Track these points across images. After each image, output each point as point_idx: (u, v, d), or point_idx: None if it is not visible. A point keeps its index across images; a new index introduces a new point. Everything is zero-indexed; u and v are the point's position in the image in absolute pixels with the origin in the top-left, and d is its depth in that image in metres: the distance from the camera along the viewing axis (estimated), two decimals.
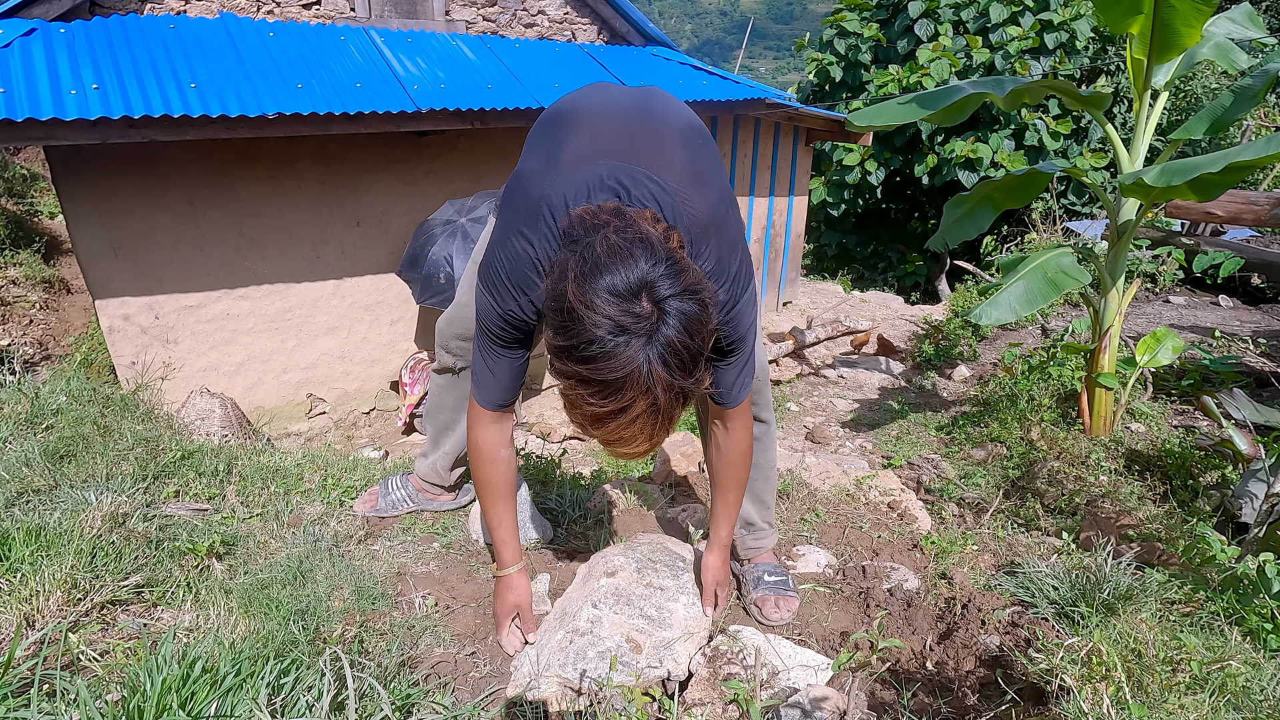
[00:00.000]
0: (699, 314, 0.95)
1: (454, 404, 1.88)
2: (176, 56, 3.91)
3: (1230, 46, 2.86)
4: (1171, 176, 2.27)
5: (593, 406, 0.95)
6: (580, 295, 0.92)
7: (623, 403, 0.93)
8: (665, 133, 1.24)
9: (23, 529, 1.47)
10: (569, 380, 0.96)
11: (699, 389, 0.98)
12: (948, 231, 3.21)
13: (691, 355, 0.94)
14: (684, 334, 0.93)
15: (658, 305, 0.93)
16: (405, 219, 4.97)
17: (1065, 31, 8.48)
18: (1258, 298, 5.22)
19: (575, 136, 1.23)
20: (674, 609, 1.54)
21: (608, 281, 0.92)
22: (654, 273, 0.93)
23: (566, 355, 0.94)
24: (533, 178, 1.21)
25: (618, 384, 0.92)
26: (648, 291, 0.93)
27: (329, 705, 1.11)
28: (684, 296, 0.94)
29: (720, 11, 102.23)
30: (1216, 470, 2.58)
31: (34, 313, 5.86)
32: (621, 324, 0.91)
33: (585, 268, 0.93)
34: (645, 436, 0.97)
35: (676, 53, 6.32)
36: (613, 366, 0.91)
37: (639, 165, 1.15)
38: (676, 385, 0.94)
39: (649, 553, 1.69)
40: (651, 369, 0.92)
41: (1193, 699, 1.17)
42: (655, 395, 0.93)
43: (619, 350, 0.91)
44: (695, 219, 1.15)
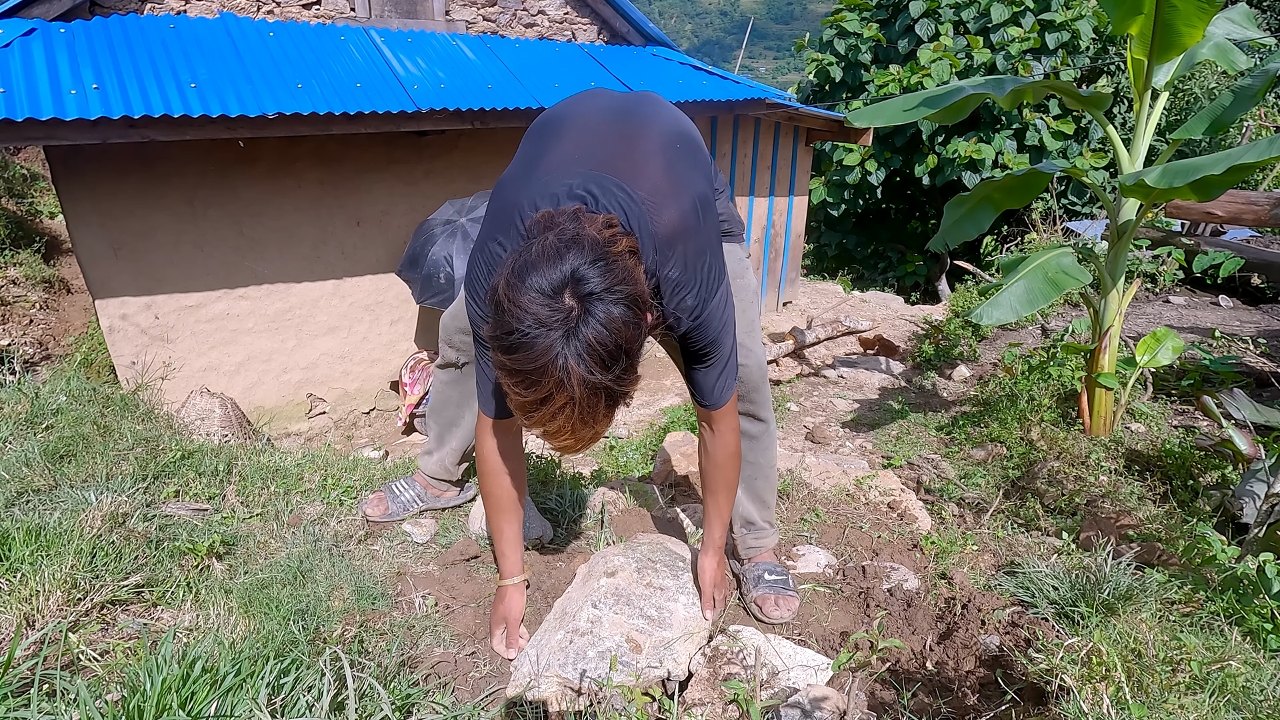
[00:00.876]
0: (624, 315, 0.97)
1: (459, 400, 1.89)
2: (176, 56, 3.91)
3: (1229, 46, 2.86)
4: (1173, 177, 2.26)
5: (518, 396, 0.98)
6: (508, 290, 0.96)
7: (542, 394, 0.96)
8: (643, 141, 1.26)
9: (23, 529, 1.46)
10: (500, 371, 0.99)
11: (625, 389, 1.00)
12: (948, 232, 3.21)
13: (609, 353, 0.96)
14: (604, 331, 0.95)
15: (581, 302, 0.95)
16: (405, 219, 4.97)
17: (1067, 31, 8.48)
18: (1258, 298, 5.22)
19: (557, 145, 1.26)
20: (674, 609, 1.54)
21: (533, 280, 0.96)
22: (581, 270, 0.96)
23: (495, 345, 0.98)
24: (510, 184, 1.25)
25: (535, 374, 0.95)
26: (572, 288, 0.96)
27: (329, 705, 1.11)
28: (610, 295, 0.96)
29: (720, 11, 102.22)
30: (1216, 470, 2.58)
31: (34, 312, 5.86)
32: (540, 317, 0.94)
33: (518, 265, 0.98)
34: (569, 432, 1.00)
35: (676, 53, 6.32)
36: (530, 358, 0.95)
37: (612, 174, 1.17)
38: (593, 381, 0.95)
39: (649, 553, 1.69)
40: (568, 363, 0.94)
41: (1193, 699, 1.17)
42: (571, 390, 0.95)
43: (536, 343, 0.94)
44: (664, 228, 1.18)
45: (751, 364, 1.59)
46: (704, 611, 1.59)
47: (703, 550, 1.63)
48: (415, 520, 1.99)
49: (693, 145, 1.35)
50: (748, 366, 1.59)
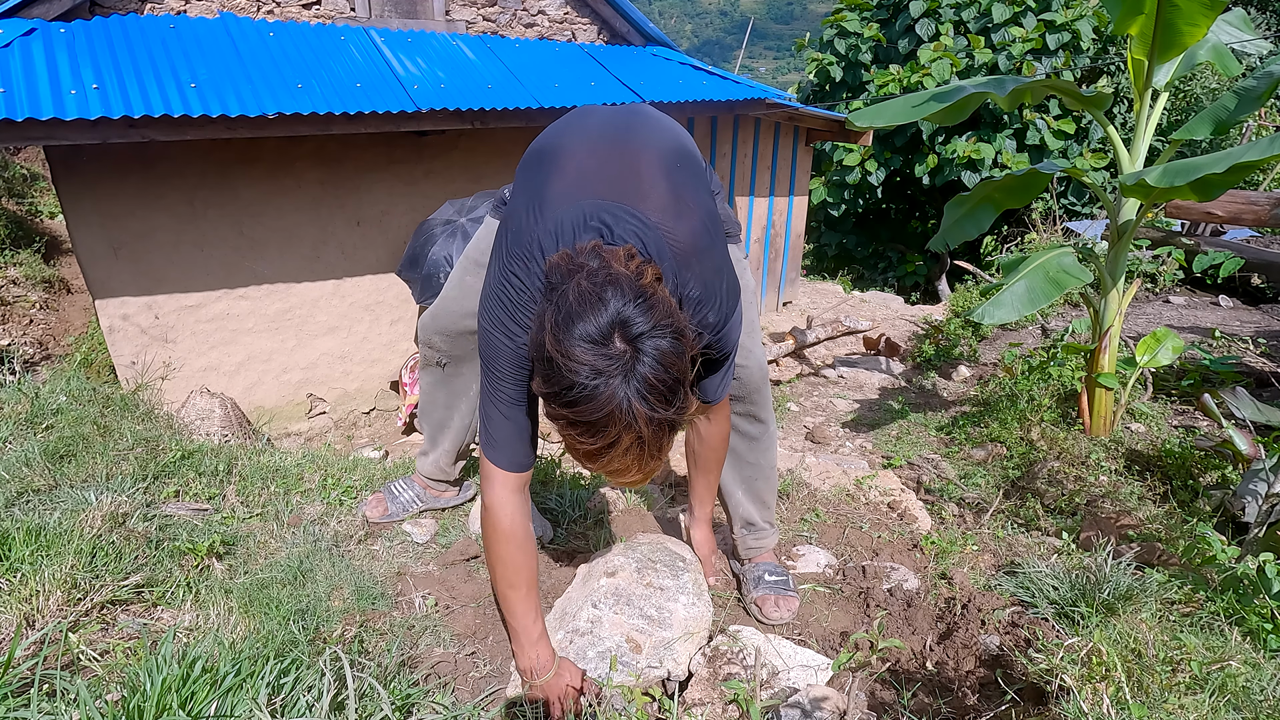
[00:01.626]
0: (673, 347, 0.98)
1: (446, 400, 1.90)
2: (176, 56, 3.91)
3: (1225, 50, 2.86)
4: (1174, 177, 2.26)
5: (583, 445, 1.00)
6: (557, 345, 0.96)
7: (609, 439, 0.98)
8: (645, 163, 1.25)
9: (23, 529, 1.46)
10: (559, 422, 1.01)
11: (683, 416, 1.02)
12: (948, 232, 3.21)
13: (669, 388, 0.98)
14: (659, 369, 0.97)
15: (631, 344, 0.96)
16: (405, 219, 4.97)
17: (1068, 32, 8.47)
18: (1258, 298, 5.22)
19: (559, 174, 1.24)
20: (674, 609, 1.54)
21: (581, 329, 0.96)
22: (625, 312, 0.97)
23: (553, 400, 0.99)
24: (521, 221, 1.23)
25: (602, 423, 0.97)
26: (620, 331, 0.96)
27: (329, 705, 1.11)
28: (657, 332, 0.97)
29: (720, 11, 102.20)
30: (1216, 470, 2.58)
31: (34, 312, 5.86)
32: (597, 367, 0.95)
33: (560, 317, 0.98)
34: (636, 466, 1.01)
35: (676, 53, 6.32)
36: (595, 408, 0.96)
37: (620, 200, 1.17)
38: (658, 418, 0.98)
39: (649, 553, 1.69)
40: (632, 406, 0.96)
41: (1193, 699, 1.17)
42: (639, 430, 0.97)
43: (599, 392, 0.95)
44: (678, 249, 1.18)
45: (752, 365, 1.59)
46: (707, 579, 1.68)
47: (694, 524, 1.74)
48: (415, 520, 1.99)
49: (691, 159, 1.35)
50: (748, 368, 1.59)
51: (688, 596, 1.59)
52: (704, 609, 1.58)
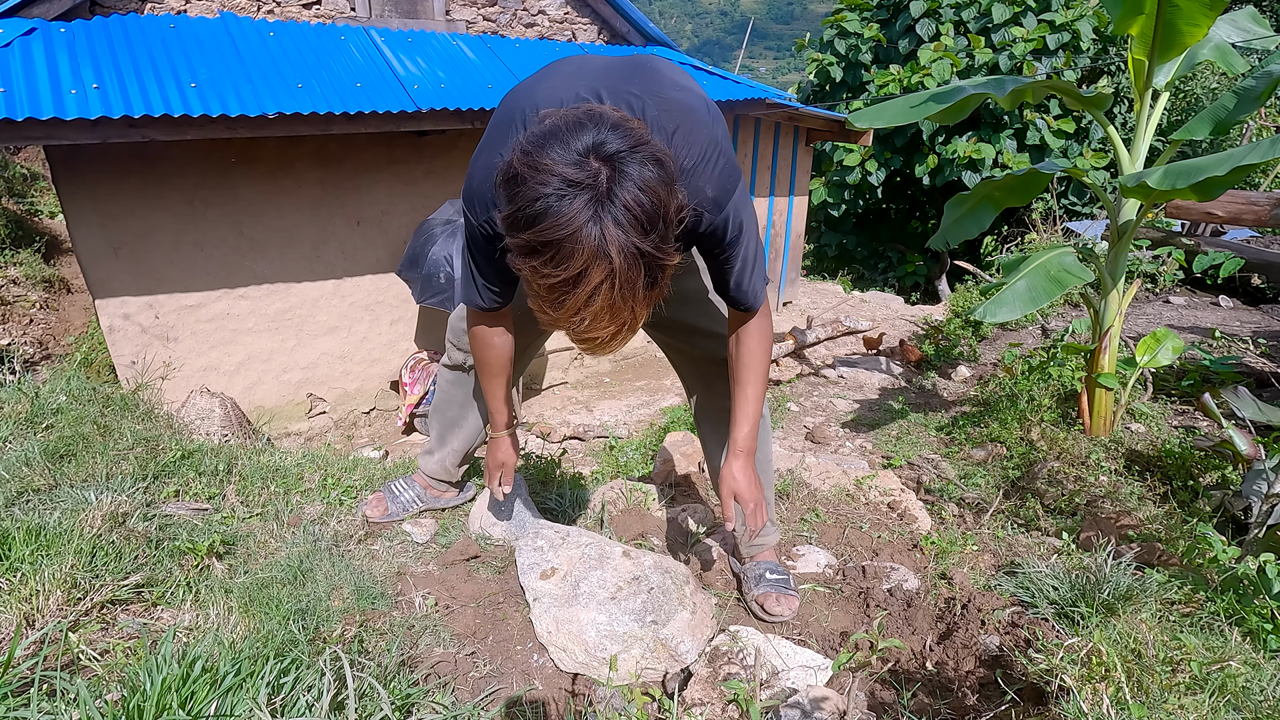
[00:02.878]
0: (658, 173, 0.88)
1: (462, 400, 1.88)
2: (177, 56, 3.91)
3: (1228, 49, 2.86)
4: (1175, 178, 2.26)
5: (545, 278, 0.87)
6: (526, 159, 0.87)
7: (575, 268, 0.85)
8: (648, 65, 1.26)
9: (23, 528, 1.46)
10: (520, 256, 0.89)
11: (665, 260, 0.90)
12: (948, 231, 3.21)
13: (648, 215, 0.86)
14: (638, 190, 0.86)
15: (608, 162, 0.86)
16: (405, 219, 4.97)
17: (1068, 32, 8.48)
18: (1258, 298, 5.22)
19: (561, 68, 1.26)
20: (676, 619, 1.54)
21: (558, 148, 0.86)
22: (603, 135, 0.87)
23: (513, 224, 0.88)
24: (511, 96, 1.24)
25: (568, 246, 0.84)
26: (595, 152, 0.86)
27: (329, 705, 1.11)
28: (637, 153, 0.87)
29: (720, 11, 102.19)
30: (1216, 470, 2.58)
31: (34, 312, 5.86)
32: (569, 178, 0.84)
33: (533, 140, 0.89)
34: (608, 315, 0.89)
35: (677, 53, 6.32)
36: (560, 224, 0.84)
37: (624, 82, 1.16)
38: (633, 246, 0.85)
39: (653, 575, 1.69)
40: (603, 227, 0.84)
41: (1193, 699, 1.17)
42: (610, 260, 0.85)
43: (565, 206, 0.84)
44: (673, 117, 1.13)
45: None
46: (725, 522, 1.46)
47: (729, 452, 1.47)
48: (415, 520, 1.99)
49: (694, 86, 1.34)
50: None
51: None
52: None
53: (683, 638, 1.50)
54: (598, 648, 1.47)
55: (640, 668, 1.46)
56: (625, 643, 1.47)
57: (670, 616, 1.53)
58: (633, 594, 1.55)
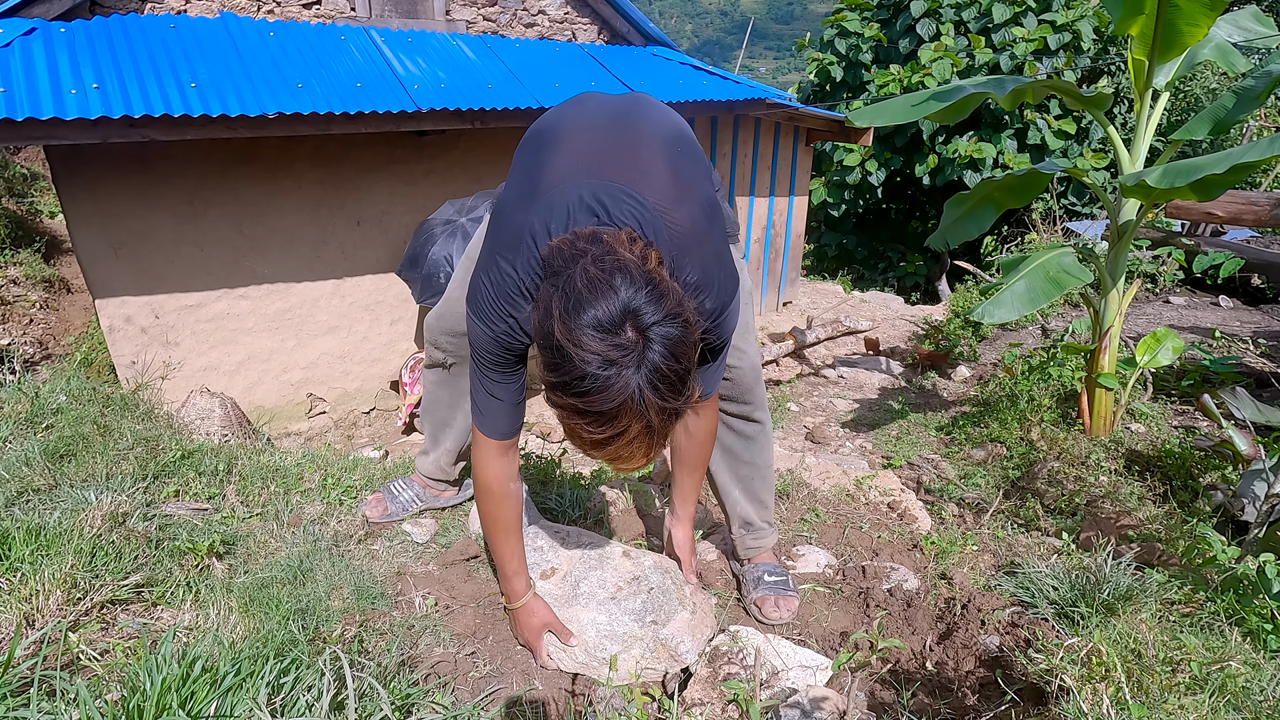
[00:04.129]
0: (683, 336, 0.98)
1: (450, 399, 1.89)
2: (177, 56, 3.91)
3: (1229, 48, 2.86)
4: (1174, 177, 2.26)
5: (590, 434, 1.00)
6: (567, 333, 0.96)
7: (618, 429, 0.98)
8: (645, 145, 1.24)
9: (23, 528, 1.46)
10: (565, 411, 1.00)
11: (689, 405, 1.03)
12: (948, 230, 3.21)
13: (679, 376, 0.98)
14: (670, 359, 0.97)
15: (642, 334, 0.96)
16: (405, 219, 4.97)
17: (1069, 32, 8.47)
18: (1258, 298, 5.22)
19: (555, 157, 1.23)
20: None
21: (591, 316, 0.95)
22: (635, 300, 0.96)
23: (561, 390, 0.99)
24: (514, 205, 1.23)
25: (612, 413, 0.97)
26: (631, 321, 0.96)
27: (329, 705, 1.11)
28: (667, 321, 0.97)
29: (720, 11, 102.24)
30: (1216, 470, 2.58)
31: (34, 312, 5.86)
32: (609, 358, 0.95)
33: (568, 304, 0.97)
34: (642, 454, 1.03)
35: (677, 53, 6.32)
36: (606, 398, 0.96)
37: (618, 181, 1.15)
38: (667, 407, 0.98)
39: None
40: (643, 395, 0.96)
41: (1193, 699, 1.17)
42: (649, 418, 0.98)
43: (610, 382, 0.95)
44: (676, 233, 1.17)
45: (745, 366, 1.59)
46: (687, 578, 1.64)
47: (676, 522, 1.67)
48: (415, 520, 1.99)
49: (691, 146, 1.34)
50: (740, 368, 1.58)
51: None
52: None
53: (683, 638, 1.50)
54: (597, 648, 1.47)
55: (640, 668, 1.46)
56: (625, 643, 1.47)
57: (670, 616, 1.53)
58: (632, 594, 1.55)
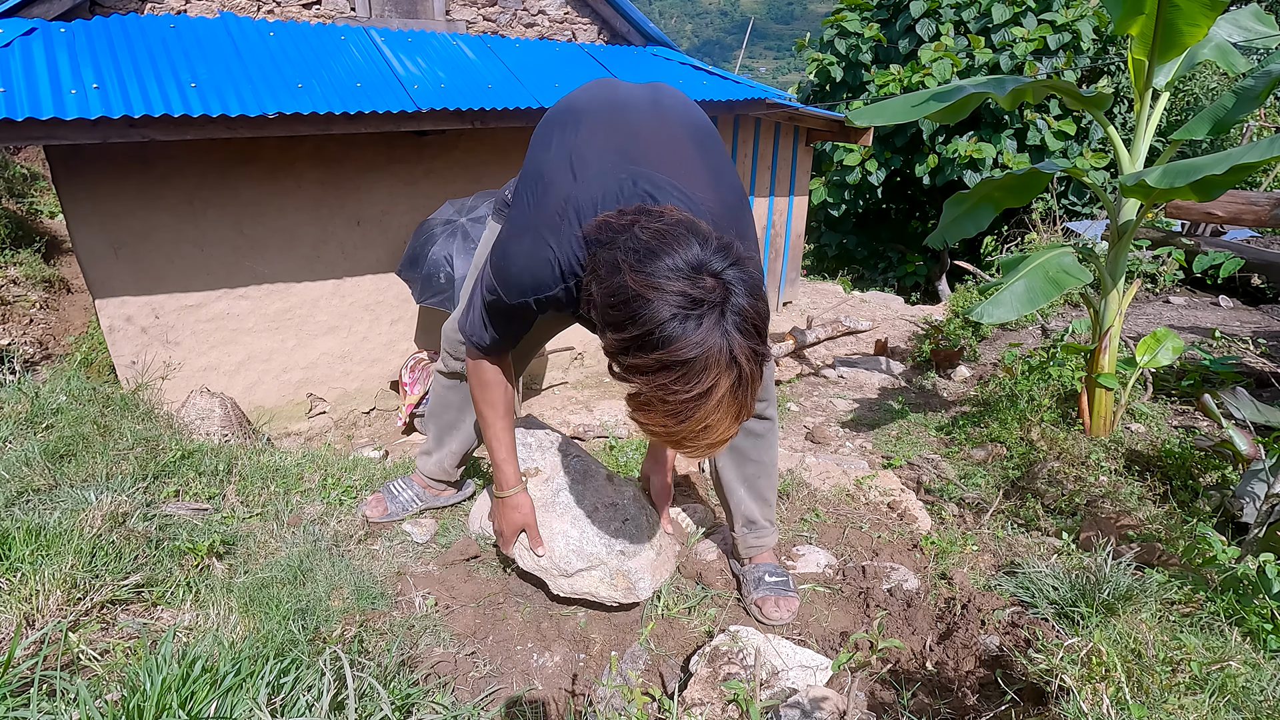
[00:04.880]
0: (757, 280, 0.96)
1: (459, 404, 1.89)
2: (177, 56, 3.91)
3: (1229, 48, 2.86)
4: (1174, 177, 2.26)
5: (677, 394, 0.90)
6: (643, 279, 0.90)
7: (708, 383, 0.90)
8: (681, 138, 1.25)
9: (23, 528, 1.46)
10: (645, 375, 0.92)
11: (770, 356, 0.99)
12: (947, 229, 3.21)
13: (763, 318, 0.94)
14: (752, 299, 0.93)
15: (717, 277, 0.92)
16: (405, 219, 4.97)
17: (1069, 32, 8.48)
18: (1258, 298, 5.22)
19: (593, 139, 1.22)
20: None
21: (668, 262, 0.91)
22: (704, 253, 0.93)
23: (640, 347, 0.91)
24: (553, 178, 1.21)
25: (700, 361, 0.89)
26: (704, 268, 0.92)
27: (329, 705, 1.11)
28: (739, 266, 0.94)
29: (720, 11, 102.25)
30: (1216, 470, 2.58)
31: (34, 312, 5.86)
32: (694, 297, 0.89)
33: (638, 256, 0.92)
34: (733, 415, 0.94)
35: (677, 53, 6.32)
36: (692, 342, 0.88)
37: (662, 172, 1.15)
38: (757, 350, 0.92)
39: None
40: (730, 338, 0.90)
41: (1193, 699, 1.17)
42: (740, 367, 0.91)
43: (694, 325, 0.89)
44: (716, 223, 1.16)
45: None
46: (664, 525, 1.67)
47: (655, 468, 1.69)
48: (415, 520, 1.99)
49: (716, 137, 1.36)
50: None
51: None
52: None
53: (644, 574, 1.52)
54: (562, 559, 1.51)
55: (596, 590, 1.48)
56: (589, 562, 1.50)
57: (638, 551, 1.54)
58: (608, 519, 1.57)
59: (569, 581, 1.49)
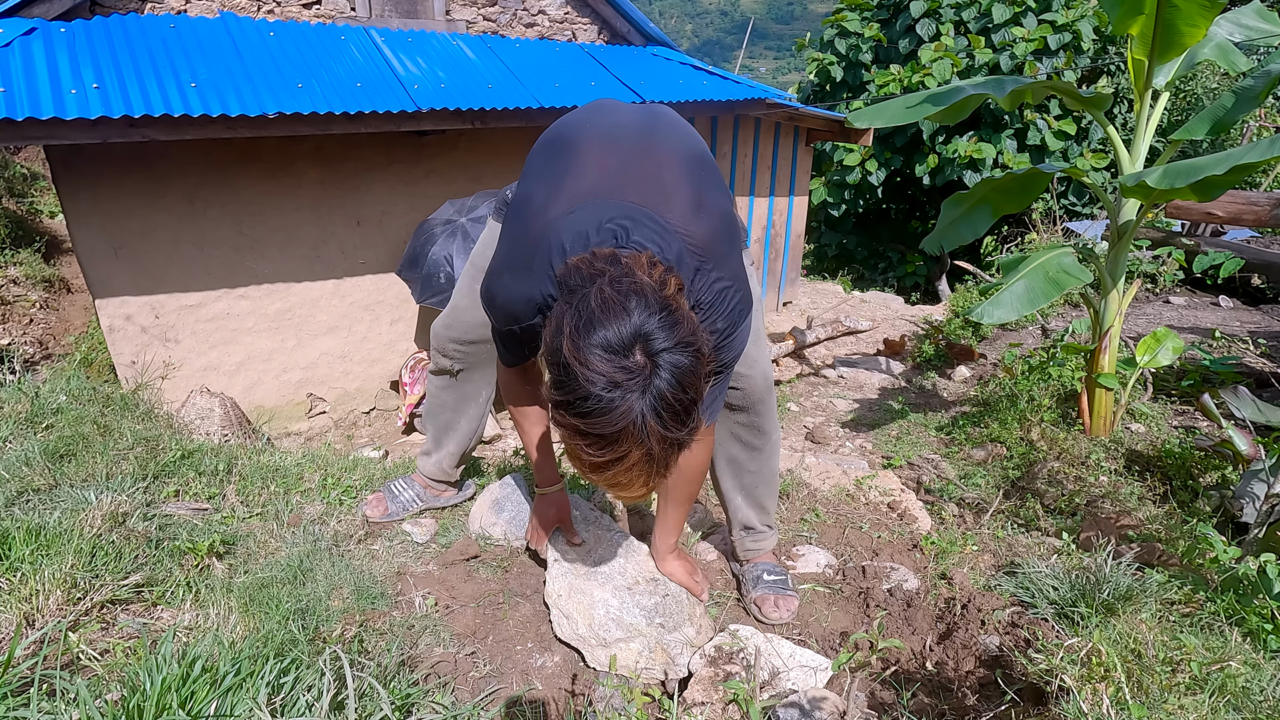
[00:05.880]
0: (692, 366, 0.97)
1: (454, 404, 1.89)
2: (177, 56, 3.91)
3: (1230, 47, 2.85)
4: (1174, 178, 2.26)
5: (590, 456, 0.98)
6: (575, 351, 0.95)
7: (619, 453, 0.96)
8: (669, 164, 1.25)
9: (23, 528, 1.46)
10: (567, 431, 0.99)
11: (694, 437, 1.01)
12: (944, 234, 3.19)
13: (684, 407, 0.97)
14: (676, 388, 0.95)
15: (651, 359, 0.95)
16: (405, 219, 4.97)
17: (1069, 32, 8.47)
18: (1258, 298, 5.22)
19: (579, 167, 1.23)
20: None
21: (601, 336, 0.94)
22: (648, 324, 0.95)
23: (564, 409, 0.97)
24: (534, 212, 1.22)
25: (613, 437, 0.95)
26: (641, 344, 0.95)
27: (329, 705, 1.11)
28: (678, 349, 0.96)
29: (720, 11, 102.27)
30: (1216, 470, 2.58)
31: (34, 312, 5.86)
32: (615, 380, 0.93)
33: (580, 322, 0.96)
34: (641, 483, 1.01)
35: (677, 53, 6.32)
36: (608, 421, 0.94)
37: (642, 203, 1.16)
38: (670, 437, 0.97)
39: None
40: (645, 422, 0.94)
41: (1192, 699, 1.17)
42: (649, 446, 0.96)
43: (614, 405, 0.94)
44: (696, 254, 1.17)
45: (756, 375, 1.57)
46: (699, 598, 1.65)
47: (660, 558, 1.65)
48: (415, 520, 1.99)
49: (711, 163, 1.34)
50: (751, 377, 1.57)
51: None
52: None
53: (682, 649, 1.52)
54: (601, 627, 1.48)
55: (636, 663, 1.46)
56: (629, 633, 1.48)
57: (678, 625, 1.54)
58: (649, 592, 1.56)
59: (605, 652, 1.48)
